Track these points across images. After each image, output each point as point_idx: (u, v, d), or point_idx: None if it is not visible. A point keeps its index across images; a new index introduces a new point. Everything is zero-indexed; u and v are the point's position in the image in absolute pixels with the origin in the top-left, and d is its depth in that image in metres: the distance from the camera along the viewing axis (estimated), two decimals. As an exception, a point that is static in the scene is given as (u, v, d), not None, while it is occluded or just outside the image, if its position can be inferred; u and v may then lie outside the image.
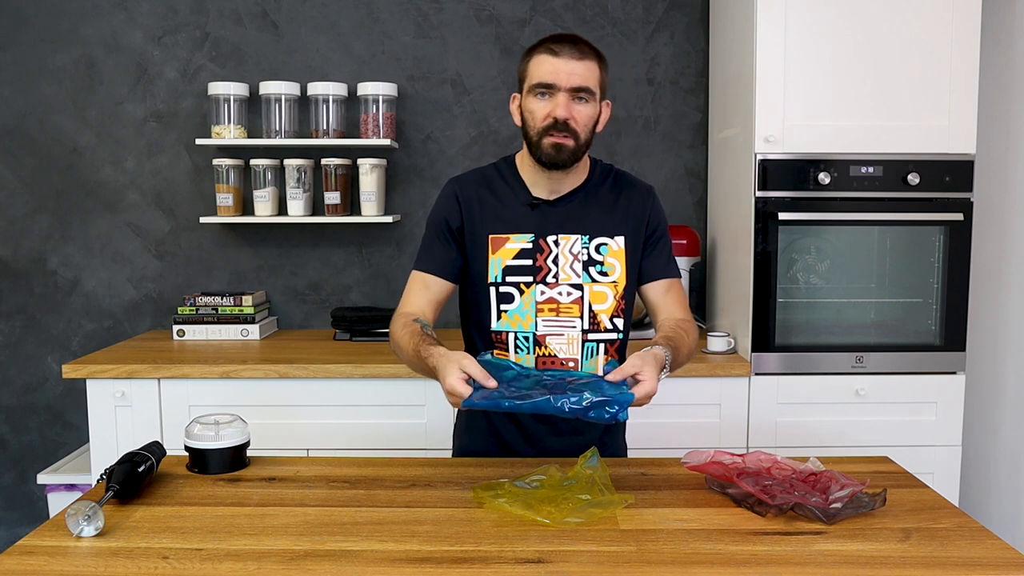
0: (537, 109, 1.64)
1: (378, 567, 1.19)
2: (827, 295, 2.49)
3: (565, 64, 1.62)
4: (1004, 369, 2.59)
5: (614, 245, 1.72)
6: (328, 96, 2.79)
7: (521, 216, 1.71)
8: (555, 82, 1.62)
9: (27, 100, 2.93)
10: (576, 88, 1.63)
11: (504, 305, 1.71)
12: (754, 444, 2.41)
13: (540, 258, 1.70)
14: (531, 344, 1.70)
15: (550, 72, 1.62)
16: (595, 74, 1.66)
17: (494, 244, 1.71)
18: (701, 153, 2.97)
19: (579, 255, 1.70)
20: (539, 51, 1.65)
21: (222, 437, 1.56)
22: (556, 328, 1.70)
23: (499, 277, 1.70)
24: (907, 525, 1.33)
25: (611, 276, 1.71)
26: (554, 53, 1.63)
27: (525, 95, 1.68)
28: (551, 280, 1.70)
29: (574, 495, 1.37)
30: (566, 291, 1.70)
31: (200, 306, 2.81)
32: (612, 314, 1.71)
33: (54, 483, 2.66)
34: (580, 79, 1.63)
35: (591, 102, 1.66)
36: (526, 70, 1.67)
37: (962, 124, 2.39)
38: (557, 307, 1.69)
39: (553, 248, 1.70)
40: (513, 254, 1.70)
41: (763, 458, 1.49)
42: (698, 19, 2.92)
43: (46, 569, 1.18)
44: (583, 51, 1.65)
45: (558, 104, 1.62)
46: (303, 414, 2.42)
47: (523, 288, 1.70)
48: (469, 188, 1.75)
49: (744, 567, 1.19)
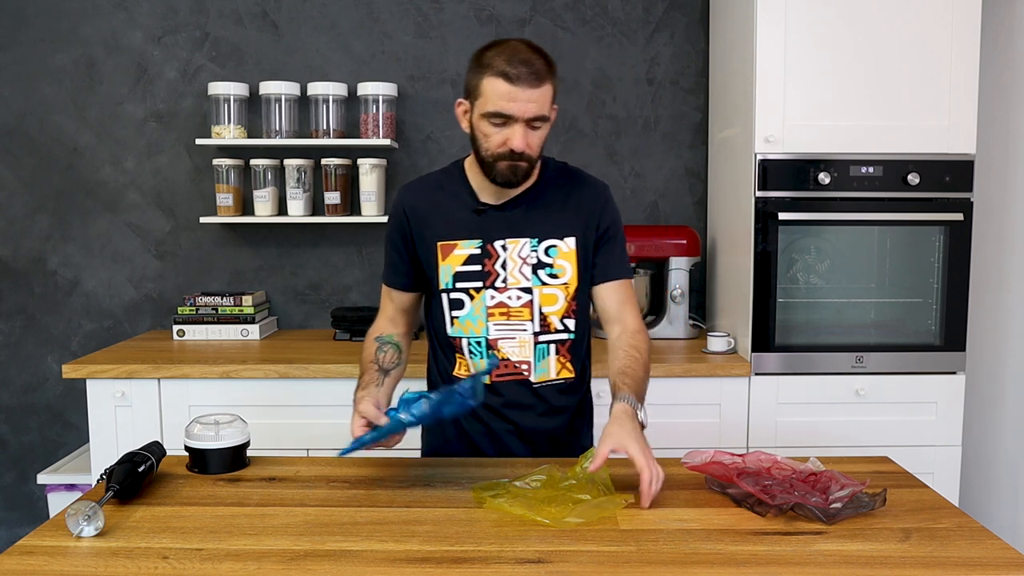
0: (492, 134, 1.61)
1: (378, 567, 1.19)
2: (827, 295, 2.49)
3: (523, 93, 1.56)
4: (1004, 369, 2.59)
5: (564, 247, 1.72)
6: (328, 96, 2.79)
7: (468, 222, 1.71)
8: (512, 113, 1.57)
9: (27, 100, 2.93)
10: (532, 118, 1.59)
11: (456, 311, 1.72)
12: (754, 444, 2.41)
13: (488, 263, 1.70)
14: (483, 349, 1.71)
15: (507, 103, 1.57)
16: (549, 95, 1.61)
17: (443, 251, 1.72)
18: (701, 153, 2.97)
19: (528, 258, 1.70)
20: (494, 73, 1.57)
21: (222, 437, 1.56)
22: (507, 332, 1.71)
23: (450, 283, 1.71)
24: (907, 525, 1.33)
25: (562, 278, 1.71)
26: (510, 80, 1.56)
27: (478, 116, 1.62)
28: (500, 285, 1.70)
29: (574, 495, 1.37)
30: (515, 295, 1.70)
31: (200, 306, 2.81)
32: (563, 315, 1.72)
33: (54, 483, 2.66)
34: (536, 108, 1.58)
35: (545, 125, 1.63)
36: (479, 88, 1.60)
37: (962, 124, 2.39)
38: (508, 311, 1.70)
39: (501, 253, 1.70)
40: (462, 260, 1.71)
41: (763, 458, 1.49)
42: (698, 19, 2.92)
43: (46, 569, 1.18)
44: (539, 74, 1.58)
45: (515, 135, 1.59)
46: (303, 414, 2.42)
47: (473, 294, 1.71)
48: (416, 196, 1.76)
49: (744, 567, 1.19)
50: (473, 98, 1.64)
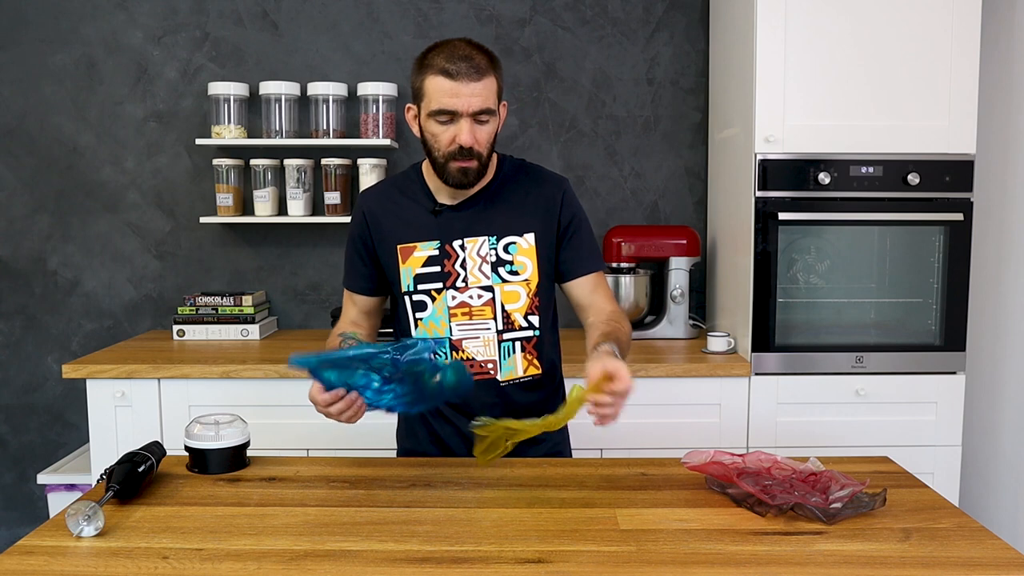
0: (440, 133, 1.62)
1: (378, 567, 1.19)
2: (827, 295, 2.49)
3: (465, 87, 1.57)
4: (1004, 369, 2.59)
5: (523, 243, 1.72)
6: (328, 96, 2.79)
7: (426, 224, 1.72)
8: (456, 109, 1.58)
9: (27, 100, 2.93)
10: (477, 112, 1.60)
11: (419, 313, 1.73)
12: (754, 444, 2.41)
13: (448, 264, 1.70)
14: (448, 349, 1.71)
15: (449, 99, 1.57)
16: (493, 89, 1.61)
17: (403, 254, 1.72)
18: (701, 153, 2.97)
19: (487, 256, 1.70)
20: (434, 72, 1.58)
21: (222, 437, 1.56)
22: (471, 331, 1.71)
23: (411, 286, 1.72)
24: (907, 525, 1.33)
25: (522, 275, 1.71)
26: (451, 76, 1.57)
27: (425, 118, 1.63)
28: (461, 284, 1.70)
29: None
30: (476, 294, 1.70)
31: (200, 306, 2.81)
32: (527, 312, 1.72)
33: (54, 483, 2.66)
34: (480, 101, 1.59)
35: (492, 118, 1.63)
36: (423, 90, 1.61)
37: (962, 124, 2.39)
38: (470, 310, 1.70)
39: (460, 252, 1.70)
40: (421, 262, 1.71)
41: (763, 458, 1.49)
42: (698, 19, 2.92)
43: (46, 569, 1.18)
44: (479, 67, 1.58)
45: (461, 130, 1.59)
46: (303, 414, 2.40)
47: (434, 295, 1.71)
48: (374, 200, 1.77)
49: (744, 567, 1.19)
50: (419, 100, 1.65)
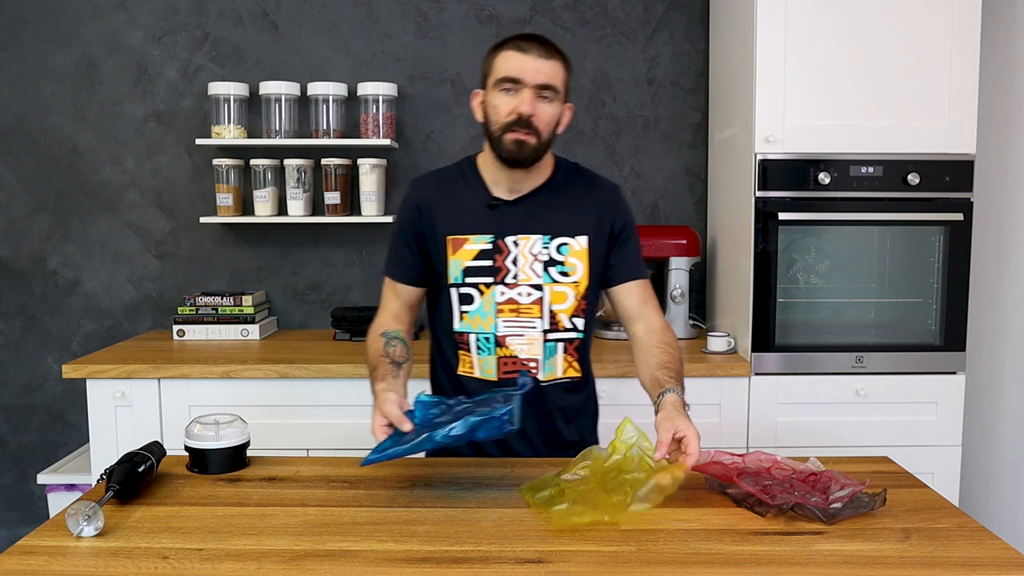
0: (501, 104, 1.64)
1: (378, 567, 1.19)
2: (827, 295, 2.49)
3: (532, 61, 1.62)
4: (1004, 369, 2.59)
5: (576, 245, 1.72)
6: (328, 96, 2.79)
7: (480, 217, 1.71)
8: (521, 77, 1.61)
9: (27, 100, 2.93)
10: (542, 85, 1.62)
11: (465, 306, 1.72)
12: (754, 444, 2.41)
13: (499, 259, 1.70)
14: (492, 345, 1.71)
15: (517, 68, 1.62)
16: (560, 74, 1.66)
17: (453, 245, 1.71)
18: (701, 153, 2.97)
19: (539, 255, 1.70)
20: (506, 47, 1.64)
21: (222, 437, 1.56)
22: (516, 329, 1.71)
23: (459, 278, 1.71)
24: (907, 525, 1.33)
25: (572, 276, 1.71)
26: (521, 50, 1.62)
27: (489, 90, 1.67)
28: (511, 281, 1.70)
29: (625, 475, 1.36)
30: (526, 291, 1.70)
31: (200, 306, 2.81)
32: (572, 314, 1.72)
33: (54, 483, 2.66)
34: (546, 76, 1.62)
35: (555, 102, 1.66)
36: (491, 65, 1.66)
37: (962, 124, 2.39)
38: (517, 308, 1.70)
39: (512, 249, 1.70)
40: (472, 255, 1.70)
41: (763, 458, 1.49)
42: (698, 19, 2.92)
43: (46, 569, 1.18)
44: (550, 51, 1.64)
45: (523, 100, 1.62)
46: (303, 414, 2.42)
47: (483, 289, 1.70)
48: (428, 189, 1.76)
49: (744, 567, 1.18)
50: (485, 79, 1.68)
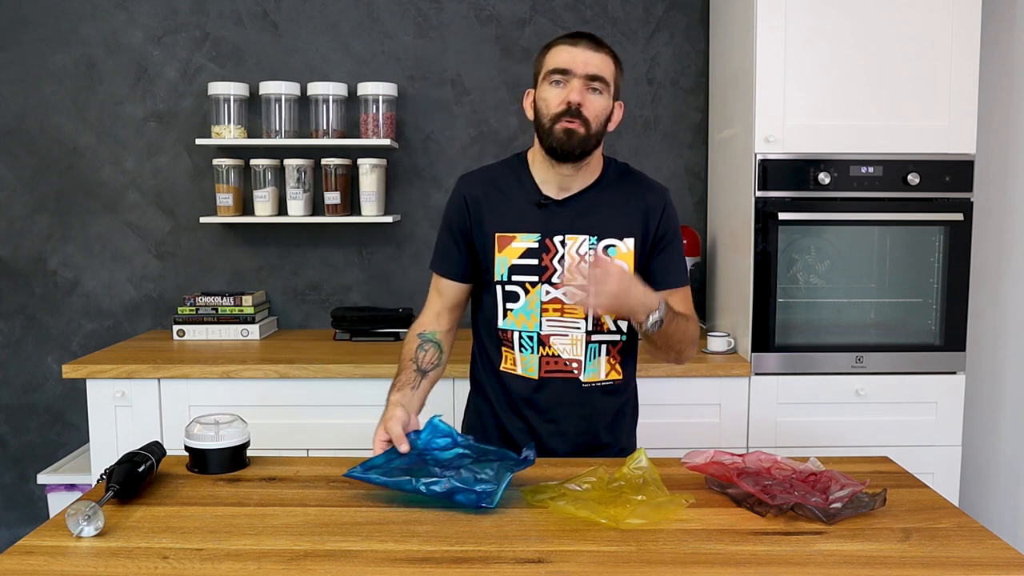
0: (551, 96, 1.65)
1: (378, 567, 1.19)
2: (827, 295, 2.49)
3: (582, 53, 1.64)
4: (1004, 369, 2.59)
5: (623, 247, 1.71)
6: (328, 96, 2.79)
7: (528, 215, 1.71)
8: (571, 68, 1.63)
9: (27, 100, 2.93)
10: (591, 76, 1.64)
11: (510, 303, 1.71)
12: (754, 444, 2.41)
13: (546, 258, 1.69)
14: (535, 344, 1.71)
15: (566, 60, 1.64)
16: (611, 68, 1.67)
17: (500, 242, 1.71)
18: (701, 153, 2.97)
19: (586, 256, 1.69)
20: (557, 43, 1.67)
21: (222, 437, 1.56)
22: (560, 328, 1.70)
23: (505, 275, 1.70)
24: (907, 525, 1.33)
25: None
26: (572, 43, 1.65)
27: (540, 84, 1.68)
28: (557, 280, 1.69)
29: (629, 496, 1.36)
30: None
31: (200, 306, 2.81)
32: (617, 316, 1.71)
33: (54, 483, 2.66)
34: (595, 68, 1.64)
35: (605, 94, 1.66)
36: (542, 61, 1.69)
37: (962, 124, 2.39)
38: (562, 307, 1.69)
39: (560, 248, 1.69)
40: (519, 253, 1.70)
41: (763, 458, 1.49)
42: (698, 19, 2.92)
43: (46, 569, 1.18)
44: (600, 46, 1.67)
45: (572, 89, 1.63)
46: (303, 414, 2.42)
47: (528, 287, 1.70)
48: (476, 186, 1.75)
49: (744, 567, 1.18)
50: (537, 76, 1.70)
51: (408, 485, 1.39)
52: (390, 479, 1.41)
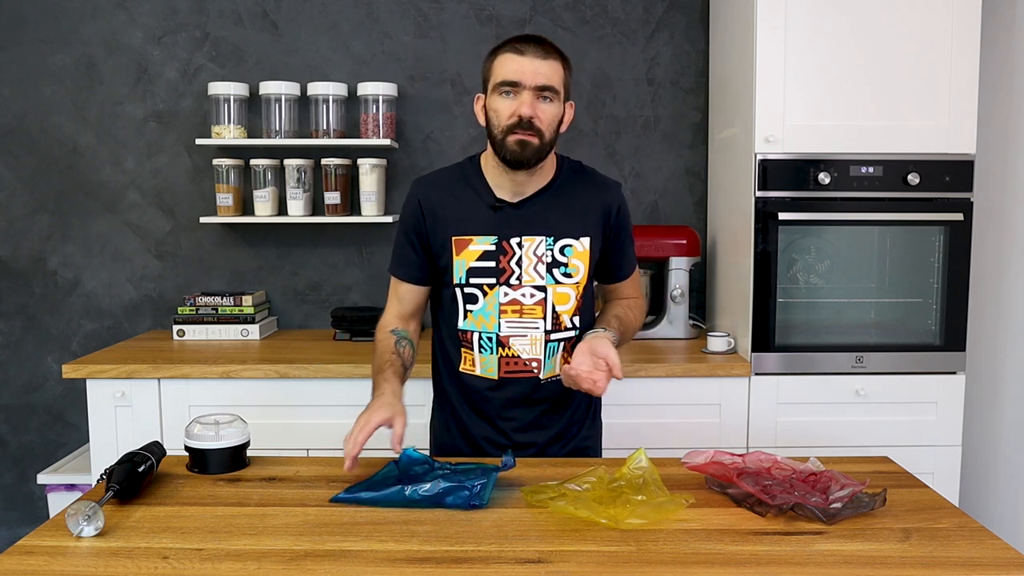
0: (502, 108, 1.64)
1: (378, 567, 1.19)
2: (827, 295, 2.49)
3: (530, 63, 1.62)
4: (1004, 369, 2.59)
5: (579, 246, 1.73)
6: (328, 96, 2.79)
7: (484, 218, 1.72)
8: (520, 80, 1.62)
9: (27, 100, 2.93)
10: (541, 87, 1.63)
11: (469, 305, 1.73)
12: (754, 444, 2.41)
13: (503, 260, 1.71)
14: (495, 345, 1.72)
15: (515, 71, 1.62)
16: (559, 74, 1.66)
17: (457, 246, 1.72)
18: (701, 153, 2.97)
19: (543, 257, 1.71)
20: (504, 50, 1.65)
21: (222, 437, 1.56)
22: (519, 329, 1.72)
23: (463, 279, 1.72)
24: (907, 525, 1.33)
25: (574, 277, 1.73)
26: (519, 52, 1.63)
27: (490, 94, 1.67)
28: (514, 282, 1.71)
29: (629, 496, 1.36)
30: (529, 293, 1.71)
31: (200, 306, 2.81)
32: (573, 313, 1.74)
33: (54, 483, 2.66)
34: (545, 78, 1.63)
35: (555, 101, 1.66)
36: (491, 69, 1.67)
37: (962, 124, 2.39)
38: (520, 308, 1.71)
39: (516, 250, 1.71)
40: (476, 256, 1.71)
41: (763, 458, 1.49)
42: (698, 19, 2.92)
43: (46, 569, 1.18)
44: (548, 51, 1.65)
45: (523, 102, 1.62)
46: (303, 414, 2.42)
47: (487, 290, 1.71)
48: (431, 190, 1.76)
49: (744, 567, 1.19)
50: (486, 83, 1.69)
51: (398, 496, 1.39)
52: (379, 493, 1.41)
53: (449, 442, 1.82)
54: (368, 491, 1.43)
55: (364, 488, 1.44)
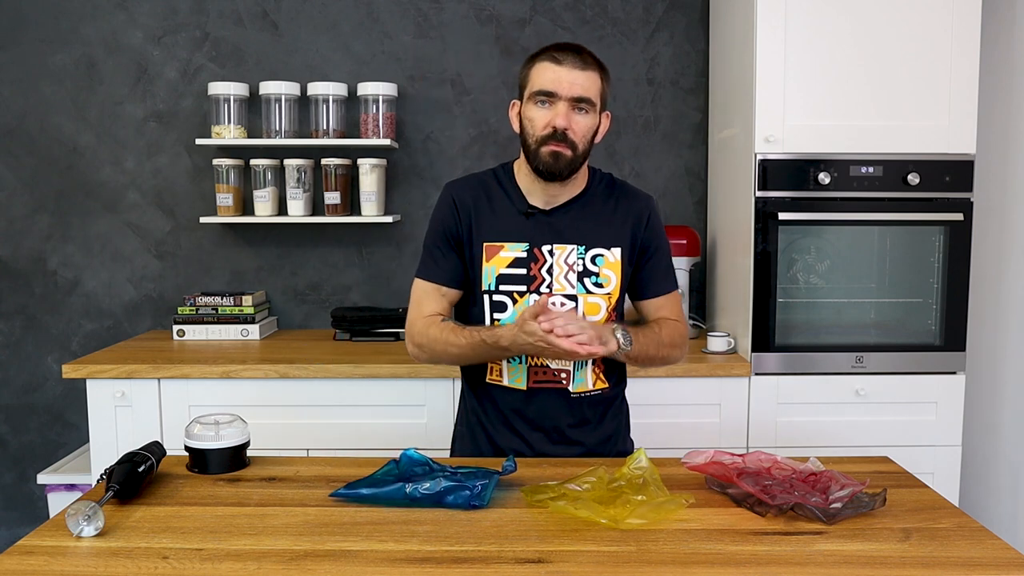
0: (537, 117, 1.64)
1: (378, 567, 1.19)
2: (827, 295, 2.49)
3: (568, 73, 1.61)
4: (1004, 369, 2.59)
5: (610, 256, 1.72)
6: (328, 96, 2.79)
7: (516, 225, 1.71)
8: (556, 91, 1.61)
9: (27, 100, 2.93)
10: (577, 98, 1.62)
11: (497, 314, 1.71)
12: (754, 444, 2.41)
13: (534, 267, 1.69)
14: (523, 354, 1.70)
15: (552, 80, 1.62)
16: (596, 85, 1.66)
17: (488, 252, 1.70)
18: (701, 153, 2.97)
19: (574, 265, 1.69)
20: (542, 58, 1.64)
21: (222, 437, 1.56)
22: None
23: (493, 285, 1.70)
24: (907, 525, 1.33)
25: (606, 288, 1.71)
26: (557, 61, 1.62)
27: (525, 102, 1.67)
28: (545, 290, 1.69)
29: (629, 496, 1.36)
30: (560, 301, 1.69)
31: (200, 306, 2.81)
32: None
33: (54, 483, 2.66)
34: (581, 89, 1.62)
35: (591, 113, 1.66)
36: (528, 77, 1.66)
37: (962, 124, 2.39)
38: None
39: (548, 258, 1.69)
40: (507, 263, 1.70)
41: (763, 458, 1.49)
42: (698, 19, 2.92)
43: (46, 569, 1.18)
44: (586, 61, 1.64)
45: (558, 113, 1.62)
46: (303, 414, 2.42)
47: (516, 297, 1.70)
48: (465, 194, 1.75)
49: (744, 567, 1.19)
50: (522, 90, 1.68)
51: (399, 494, 1.39)
52: (380, 490, 1.41)
53: (476, 453, 1.78)
54: (369, 488, 1.43)
55: (364, 485, 1.44)
